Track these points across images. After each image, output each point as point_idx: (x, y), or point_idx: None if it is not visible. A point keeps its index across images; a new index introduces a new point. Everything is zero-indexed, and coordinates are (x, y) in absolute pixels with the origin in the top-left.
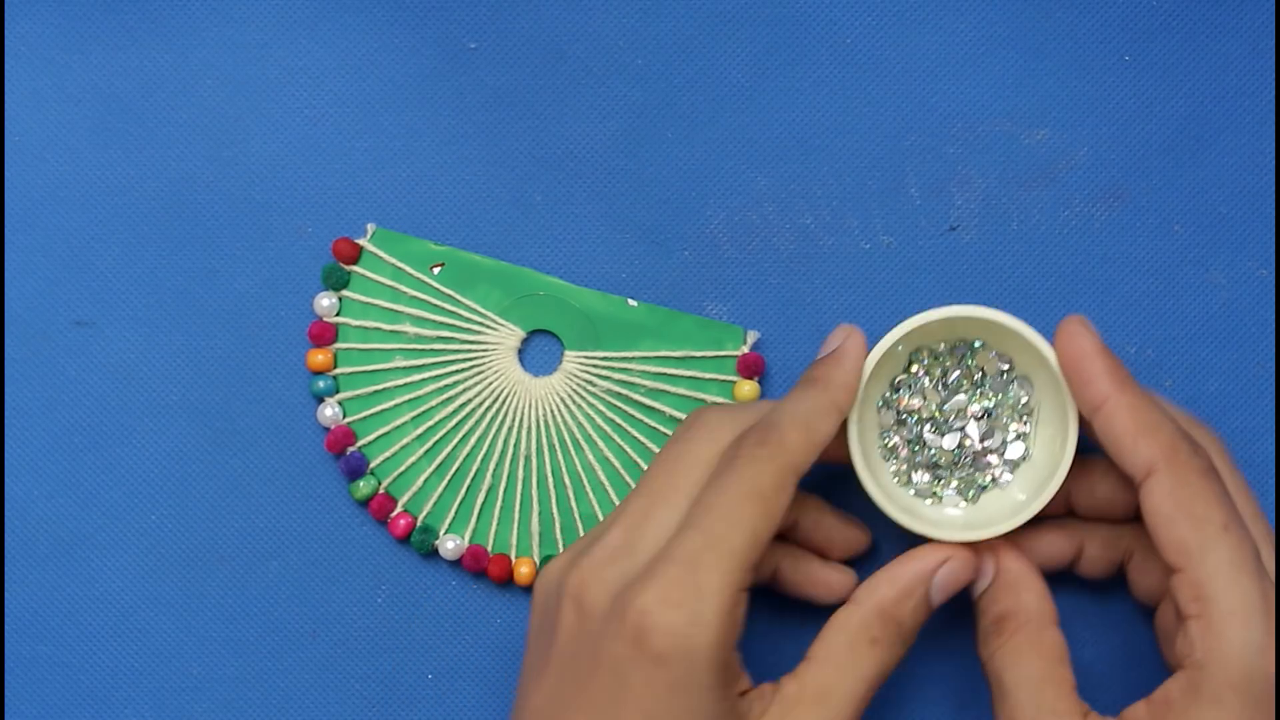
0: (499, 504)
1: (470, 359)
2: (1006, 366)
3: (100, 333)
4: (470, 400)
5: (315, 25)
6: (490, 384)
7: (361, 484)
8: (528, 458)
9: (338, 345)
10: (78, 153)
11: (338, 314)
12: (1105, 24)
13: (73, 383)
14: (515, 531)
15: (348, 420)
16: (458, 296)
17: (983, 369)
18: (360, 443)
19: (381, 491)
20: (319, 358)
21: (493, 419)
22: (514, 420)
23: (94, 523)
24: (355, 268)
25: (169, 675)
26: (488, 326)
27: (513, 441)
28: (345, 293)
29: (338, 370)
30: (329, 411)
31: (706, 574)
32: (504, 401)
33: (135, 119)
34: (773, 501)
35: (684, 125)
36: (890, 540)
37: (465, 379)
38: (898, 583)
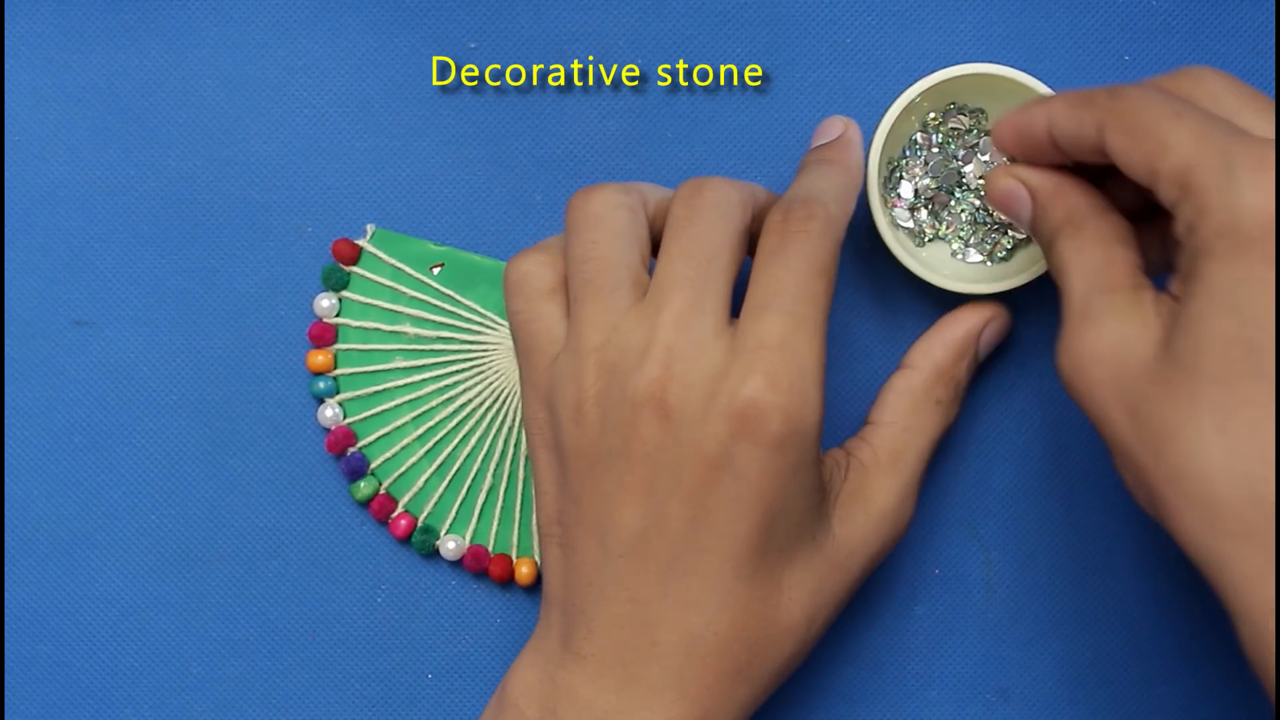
0: (500, 504)
1: (470, 359)
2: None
3: (100, 332)
4: (470, 400)
5: (315, 25)
6: (490, 384)
7: (362, 485)
8: (528, 457)
9: (338, 346)
10: (78, 153)
11: (337, 315)
12: (1105, 24)
13: (73, 382)
14: (516, 531)
15: (348, 421)
16: (457, 297)
17: (974, 129)
18: (361, 443)
19: (382, 492)
20: (319, 358)
21: (493, 419)
22: (514, 420)
23: (94, 523)
24: (355, 268)
25: (169, 675)
26: (488, 326)
27: (513, 441)
28: (345, 293)
29: (338, 371)
30: (329, 412)
31: (803, 354)
32: (504, 401)
33: (135, 119)
34: (832, 274)
35: (684, 125)
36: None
37: (465, 379)
38: (951, 345)
